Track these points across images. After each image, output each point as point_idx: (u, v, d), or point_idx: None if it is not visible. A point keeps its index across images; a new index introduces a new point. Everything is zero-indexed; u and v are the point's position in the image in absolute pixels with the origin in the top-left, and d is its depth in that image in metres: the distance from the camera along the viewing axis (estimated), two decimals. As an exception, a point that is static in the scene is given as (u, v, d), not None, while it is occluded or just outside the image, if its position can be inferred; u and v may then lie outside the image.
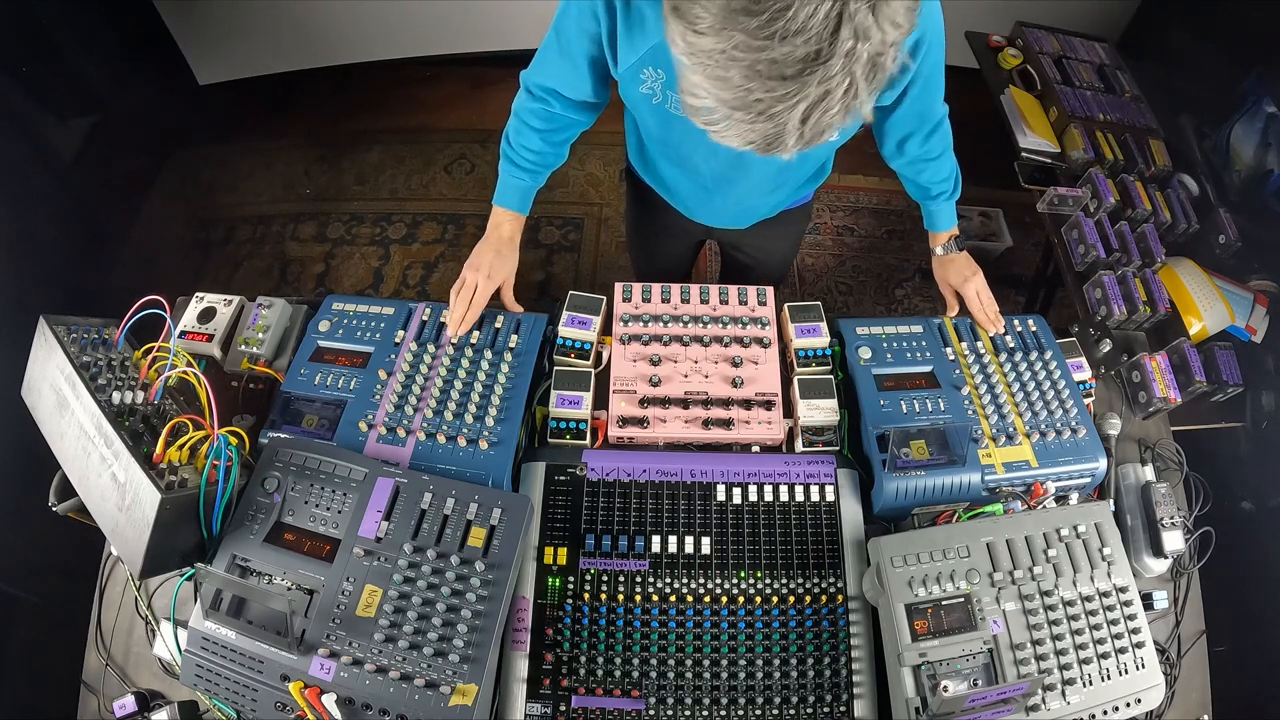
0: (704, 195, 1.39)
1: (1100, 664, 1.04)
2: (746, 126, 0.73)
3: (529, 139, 1.26)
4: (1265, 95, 1.93)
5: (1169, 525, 1.19)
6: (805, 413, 1.23)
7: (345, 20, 2.96)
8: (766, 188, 1.36)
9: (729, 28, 0.67)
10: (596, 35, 1.06)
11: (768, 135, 0.73)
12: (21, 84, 2.39)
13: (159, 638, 1.11)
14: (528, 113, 1.25)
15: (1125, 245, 1.75)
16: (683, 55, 0.73)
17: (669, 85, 1.08)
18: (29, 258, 2.19)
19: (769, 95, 0.69)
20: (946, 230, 1.44)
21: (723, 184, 1.33)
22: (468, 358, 1.26)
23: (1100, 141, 2.01)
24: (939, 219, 1.43)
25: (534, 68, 1.20)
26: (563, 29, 1.10)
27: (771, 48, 0.66)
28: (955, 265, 1.43)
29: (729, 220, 1.47)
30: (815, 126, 0.72)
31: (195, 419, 1.07)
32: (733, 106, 0.72)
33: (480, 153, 3.06)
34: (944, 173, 1.36)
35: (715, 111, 0.74)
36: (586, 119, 1.27)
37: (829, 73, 0.68)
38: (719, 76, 0.70)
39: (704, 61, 0.71)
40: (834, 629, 1.09)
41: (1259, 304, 1.80)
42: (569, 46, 1.10)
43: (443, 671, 0.95)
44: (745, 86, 0.69)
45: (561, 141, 1.30)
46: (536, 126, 1.25)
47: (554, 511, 1.16)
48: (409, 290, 2.73)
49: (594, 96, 1.19)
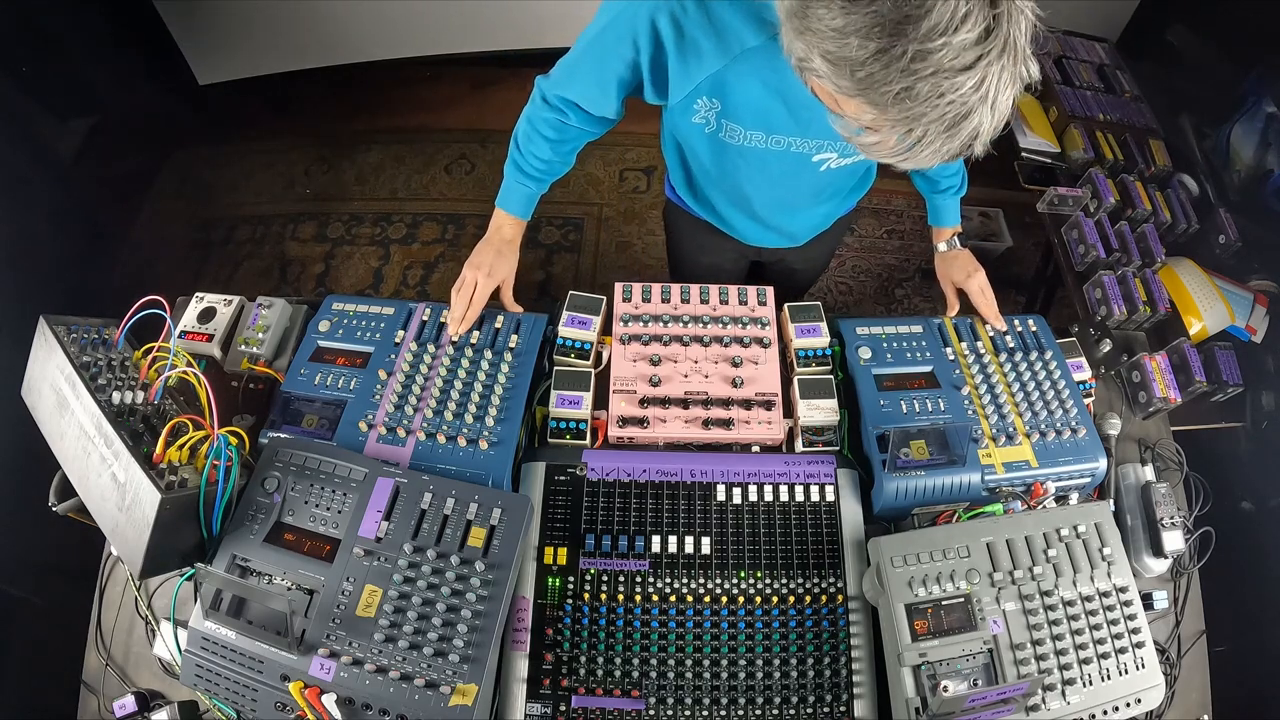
0: (756, 221, 1.39)
1: (1100, 664, 1.04)
2: (943, 136, 0.74)
3: (540, 147, 1.24)
4: (1265, 95, 1.93)
5: (1169, 525, 1.19)
6: (805, 413, 1.23)
7: (345, 20, 2.96)
8: (817, 203, 1.37)
9: (892, 49, 0.68)
10: (633, 61, 1.04)
11: (964, 135, 0.74)
12: (21, 84, 2.39)
13: (159, 638, 1.11)
14: (541, 121, 1.22)
15: (1125, 245, 1.75)
16: (864, 104, 0.74)
17: (724, 114, 1.07)
18: (29, 258, 2.19)
19: (958, 94, 0.70)
20: (951, 226, 1.44)
21: (775, 208, 1.33)
22: (468, 358, 1.26)
23: (1100, 141, 2.01)
24: (944, 214, 1.43)
25: (556, 79, 1.17)
26: (597, 47, 1.07)
27: (946, 43, 0.67)
28: (959, 262, 1.42)
29: (783, 240, 1.47)
30: (1000, 106, 0.73)
31: (195, 419, 1.07)
32: (930, 121, 0.72)
33: (480, 153, 3.05)
34: (952, 166, 1.34)
35: (908, 138, 0.75)
36: (599, 131, 1.25)
37: (1001, 42, 0.69)
38: (906, 105, 0.71)
39: (884, 98, 0.71)
40: (834, 629, 1.09)
41: (1259, 304, 1.80)
42: (601, 66, 1.08)
43: (443, 671, 0.95)
44: (932, 98, 0.70)
45: (571, 151, 1.29)
46: (549, 136, 1.23)
47: (554, 511, 1.16)
48: (409, 290, 2.73)
49: (615, 115, 1.18)
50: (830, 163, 1.18)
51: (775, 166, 1.17)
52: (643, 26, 0.99)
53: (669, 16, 0.97)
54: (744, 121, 1.09)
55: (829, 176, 1.22)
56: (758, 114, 1.07)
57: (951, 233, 1.44)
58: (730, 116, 1.08)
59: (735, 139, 1.12)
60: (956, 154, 0.76)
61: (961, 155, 0.77)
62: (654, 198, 2.90)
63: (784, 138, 1.11)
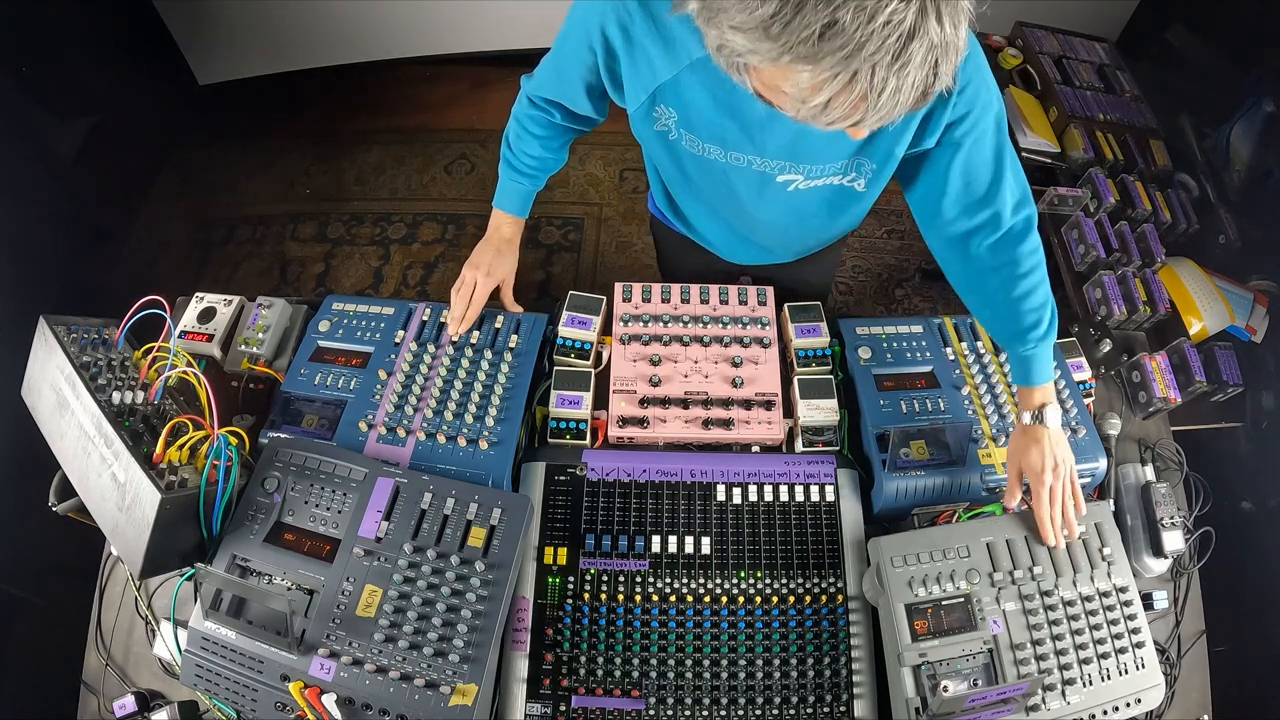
0: (735, 235, 1.34)
1: (1100, 664, 1.04)
2: (893, 69, 0.65)
3: (529, 145, 1.25)
4: (1265, 95, 1.93)
5: (1169, 525, 1.19)
6: (805, 413, 1.23)
7: (345, 20, 2.95)
8: (796, 222, 1.23)
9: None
10: (593, 65, 1.03)
11: (918, 61, 0.65)
12: (21, 84, 2.39)
13: (159, 638, 1.11)
14: (528, 119, 1.23)
15: (1125, 245, 1.75)
16: (795, 65, 0.67)
17: (681, 123, 1.04)
18: (29, 258, 2.19)
19: (888, 9, 0.62)
20: (1041, 385, 1.08)
21: (749, 224, 1.25)
22: (468, 358, 1.26)
23: (1100, 141, 2.00)
24: (1031, 368, 1.08)
25: (536, 79, 1.18)
26: (561, 53, 1.08)
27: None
28: (1038, 450, 1.06)
29: (766, 257, 1.40)
30: (947, 15, 0.65)
31: (195, 419, 1.07)
32: (871, 54, 0.64)
33: (480, 153, 3.05)
34: (1036, 299, 1.06)
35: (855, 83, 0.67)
36: (586, 128, 1.26)
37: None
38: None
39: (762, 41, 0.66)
40: (834, 629, 1.09)
41: (1259, 304, 1.80)
42: (567, 72, 1.08)
43: (443, 671, 0.95)
44: (861, 24, 0.62)
45: (561, 146, 1.29)
46: (537, 133, 1.24)
47: (554, 511, 1.16)
48: (409, 290, 2.72)
49: (594, 114, 1.17)
50: (797, 184, 1.08)
51: (739, 183, 1.12)
52: (595, 32, 0.98)
53: (617, 24, 0.95)
54: (700, 134, 1.04)
55: (800, 198, 1.12)
56: (711, 128, 1.03)
57: (1040, 400, 1.08)
58: (687, 127, 1.04)
59: (695, 149, 1.08)
60: (924, 90, 0.68)
61: (929, 88, 0.68)
62: (654, 198, 2.90)
63: (742, 155, 1.05)
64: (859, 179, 1.07)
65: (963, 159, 1.00)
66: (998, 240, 1.06)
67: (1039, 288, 1.07)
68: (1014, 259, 1.06)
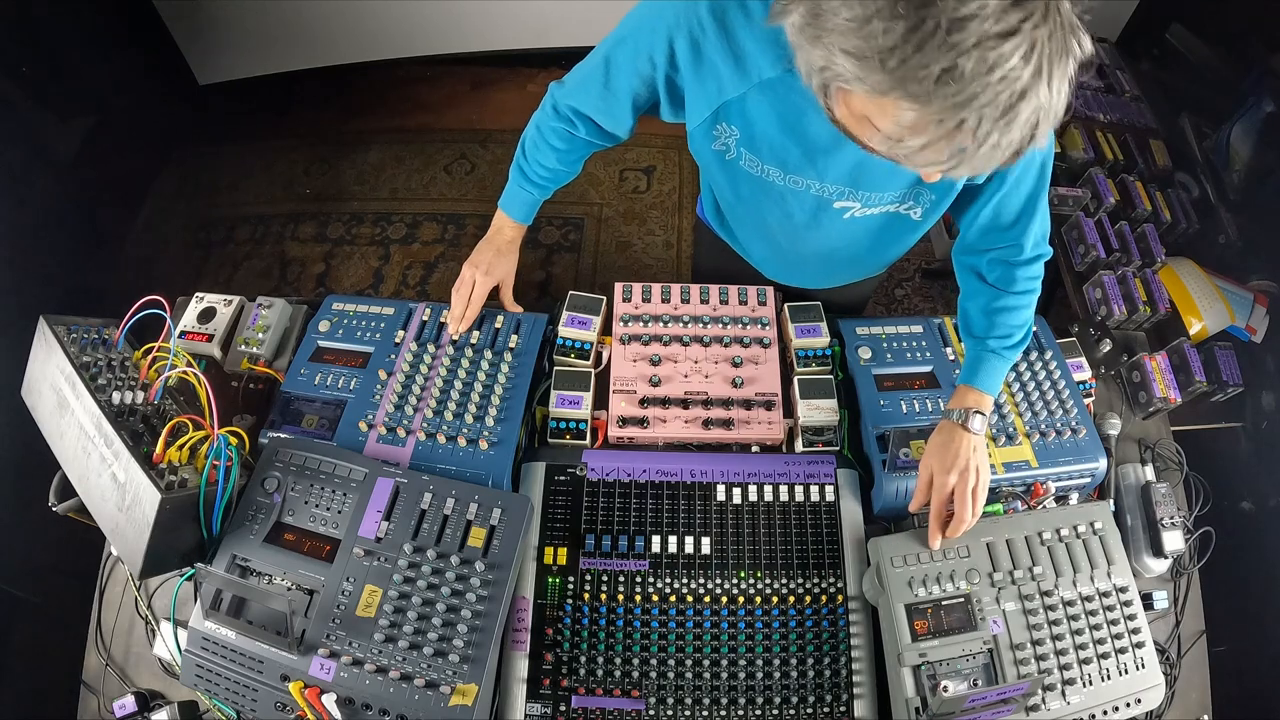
0: (778, 258, 1.33)
1: (1100, 664, 1.04)
2: (999, 123, 0.65)
3: (545, 156, 1.20)
4: (1265, 95, 1.93)
5: (1169, 525, 1.19)
6: (805, 413, 1.23)
7: (345, 20, 2.95)
8: (845, 254, 1.22)
9: (923, 24, 0.60)
10: (649, 78, 1.00)
11: (1023, 120, 0.65)
12: (21, 84, 2.39)
13: (159, 638, 1.11)
14: (550, 131, 1.18)
15: (1125, 245, 1.75)
16: (902, 101, 0.65)
17: (742, 142, 1.02)
18: (29, 258, 2.19)
19: (1007, 66, 0.61)
20: (984, 392, 1.10)
21: (798, 247, 1.22)
22: (468, 358, 1.26)
23: (1100, 141, 2.00)
24: (980, 370, 1.11)
25: (570, 90, 1.12)
26: (613, 61, 1.02)
27: (982, 4, 0.59)
28: (957, 446, 1.05)
29: (808, 282, 1.38)
30: (1057, 82, 0.64)
31: (195, 419, 1.07)
32: (982, 106, 0.63)
33: (480, 153, 3.05)
34: (1015, 320, 1.12)
35: (959, 132, 0.66)
36: (609, 143, 1.20)
37: (1042, 3, 0.61)
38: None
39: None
40: (834, 629, 1.09)
41: (1259, 304, 1.80)
42: (615, 81, 1.03)
43: (443, 671, 0.95)
44: (980, 75, 0.61)
45: (577, 160, 1.24)
46: (556, 146, 1.19)
47: (554, 511, 1.16)
48: (409, 290, 2.72)
49: (625, 133, 1.13)
50: (853, 211, 1.08)
51: (795, 206, 1.10)
52: (660, 45, 0.95)
53: (688, 37, 0.93)
54: (762, 154, 1.03)
55: (854, 226, 1.11)
56: (774, 150, 1.01)
57: (975, 401, 1.08)
58: (749, 146, 1.03)
59: (755, 170, 1.06)
60: (1019, 149, 0.67)
61: (1023, 148, 0.67)
62: (654, 198, 2.90)
63: (802, 179, 1.03)
64: (916, 208, 1.07)
65: (1001, 196, 1.03)
66: (1005, 263, 1.12)
67: (1024, 310, 1.13)
68: (1012, 278, 1.13)
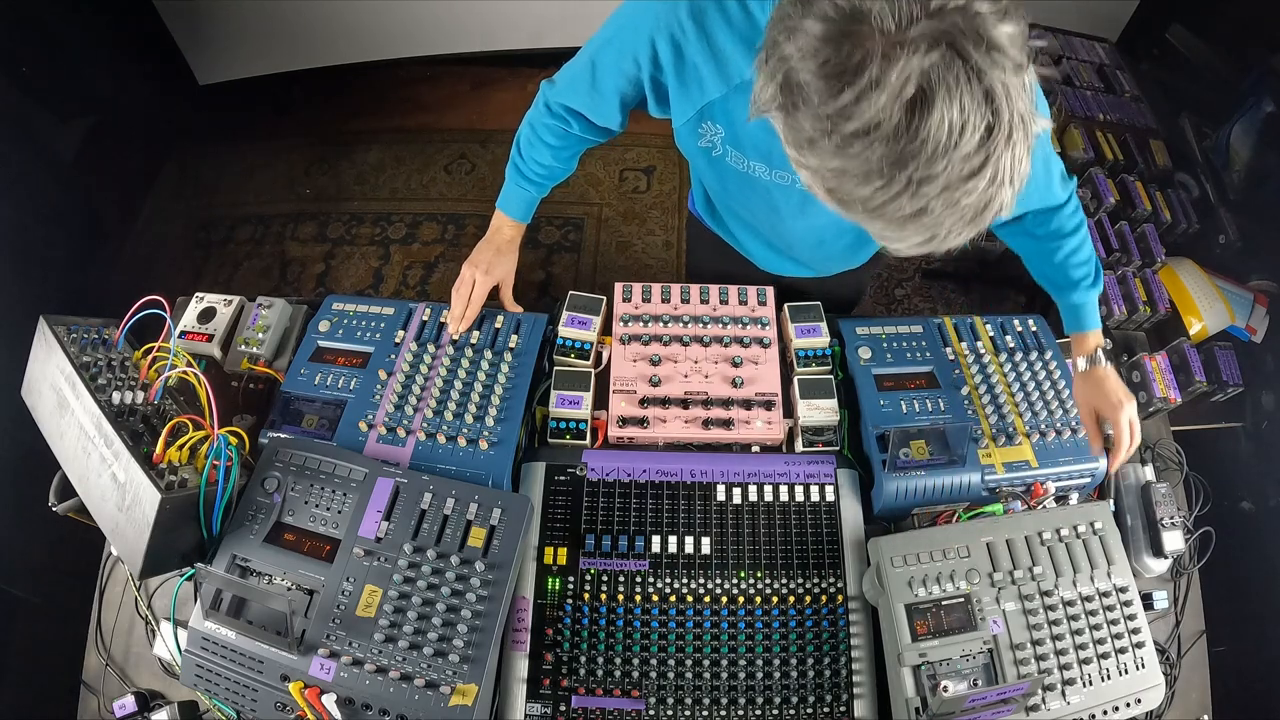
0: (773, 249, 1.35)
1: (1100, 664, 1.04)
2: (967, 227, 0.69)
3: (540, 153, 1.22)
4: (1265, 95, 1.93)
5: (1169, 525, 1.19)
6: (805, 413, 1.23)
7: (345, 20, 2.95)
8: (832, 241, 1.26)
9: (894, 182, 0.64)
10: (635, 78, 1.01)
11: (988, 217, 0.69)
12: (21, 84, 2.39)
13: (159, 638, 1.11)
14: (543, 128, 1.19)
15: (1125, 245, 1.75)
16: (878, 224, 0.71)
17: (728, 140, 1.03)
18: (29, 258, 2.19)
19: (973, 196, 0.65)
20: (1093, 330, 1.21)
21: (786, 238, 1.26)
22: (468, 358, 1.26)
23: (1100, 141, 2.01)
24: (1083, 315, 1.21)
25: (559, 87, 1.14)
26: (599, 62, 1.04)
27: (949, 160, 0.62)
28: (1108, 386, 1.17)
29: (802, 270, 1.40)
30: (1017, 178, 0.67)
31: (195, 419, 1.07)
32: (950, 224, 0.68)
33: (480, 153, 3.05)
34: (1082, 255, 1.17)
35: (929, 243, 0.71)
36: (603, 138, 1.22)
37: (1006, 131, 0.63)
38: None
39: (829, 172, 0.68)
40: (834, 629, 1.09)
41: (1259, 304, 1.80)
42: (602, 81, 1.05)
43: (443, 671, 0.95)
44: (948, 209, 0.66)
45: (572, 156, 1.26)
46: (550, 142, 1.20)
47: (554, 511, 1.16)
48: (409, 290, 2.72)
49: (618, 127, 1.15)
50: None
51: (781, 199, 1.12)
52: (643, 45, 0.96)
53: (669, 39, 0.94)
54: (746, 151, 1.05)
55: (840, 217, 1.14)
56: (758, 147, 1.03)
57: (1094, 343, 1.21)
58: (734, 144, 1.04)
59: (741, 166, 1.08)
60: (983, 231, 0.73)
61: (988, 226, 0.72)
62: (654, 198, 2.90)
63: (787, 174, 1.05)
64: None
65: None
66: (1046, 213, 1.15)
67: (1085, 244, 1.18)
68: (1061, 223, 1.15)
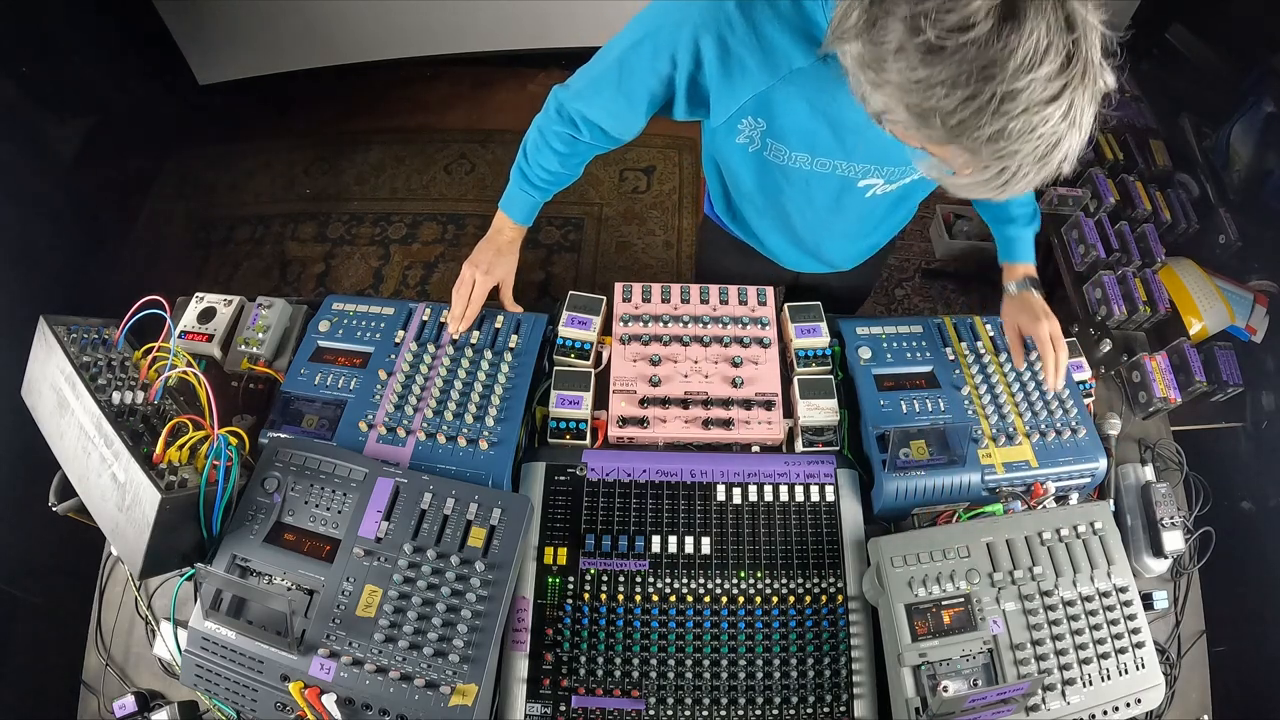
0: (797, 245, 1.36)
1: (1100, 664, 1.04)
2: (1036, 166, 0.74)
3: (547, 159, 1.20)
4: (1265, 95, 1.93)
5: (1169, 525, 1.19)
6: (805, 413, 1.23)
7: (345, 20, 2.95)
8: (861, 231, 1.32)
9: (981, 94, 0.68)
10: (669, 78, 1.00)
11: (1055, 162, 0.74)
12: (21, 84, 2.39)
13: (159, 638, 1.11)
14: (553, 134, 1.17)
15: (1125, 245, 1.75)
16: (955, 150, 0.75)
17: (769, 134, 1.04)
18: (29, 258, 2.19)
19: (1048, 125, 0.70)
20: (1024, 263, 1.33)
21: (818, 232, 1.30)
22: (468, 358, 1.26)
23: (1100, 141, 2.00)
24: (1017, 248, 1.33)
25: (577, 94, 1.11)
26: (627, 63, 1.02)
27: (1033, 79, 0.67)
28: (1030, 305, 1.29)
29: (822, 266, 1.43)
30: (1084, 126, 0.73)
31: (195, 419, 1.07)
32: (1024, 157, 0.72)
33: (480, 153, 3.05)
34: (1025, 195, 1.23)
35: (1001, 175, 0.75)
36: (611, 146, 1.20)
37: (1082, 66, 0.69)
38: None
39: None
40: (834, 629, 1.09)
41: (1259, 304, 1.80)
42: (629, 82, 1.03)
43: (443, 671, 0.95)
44: (1025, 134, 0.70)
45: (578, 164, 1.24)
46: (558, 149, 1.18)
47: (554, 511, 1.16)
48: (409, 290, 2.72)
49: (633, 134, 1.13)
50: (876, 189, 1.14)
51: (819, 189, 1.14)
52: (684, 44, 0.96)
53: (715, 36, 0.94)
54: (789, 142, 1.05)
55: (874, 204, 1.18)
56: (803, 135, 1.04)
57: (1024, 271, 1.32)
58: (776, 136, 1.05)
59: (780, 159, 1.08)
60: (1048, 180, 0.77)
61: (1053, 177, 0.77)
62: (654, 198, 2.90)
63: (829, 160, 1.07)
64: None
65: None
66: None
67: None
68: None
